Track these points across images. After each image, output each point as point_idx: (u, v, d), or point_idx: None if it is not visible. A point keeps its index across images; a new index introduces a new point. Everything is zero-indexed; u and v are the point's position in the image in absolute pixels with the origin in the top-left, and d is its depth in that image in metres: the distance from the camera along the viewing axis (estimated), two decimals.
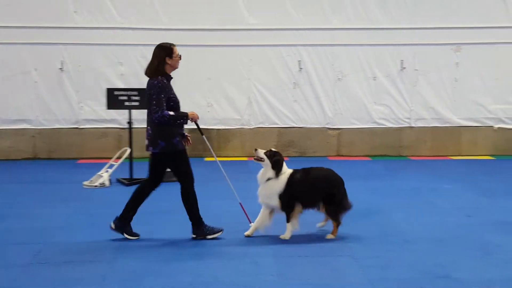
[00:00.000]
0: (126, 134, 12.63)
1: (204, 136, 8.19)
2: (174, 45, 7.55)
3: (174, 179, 7.69)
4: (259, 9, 14.00)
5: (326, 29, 14.04)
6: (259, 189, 7.70)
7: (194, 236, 7.70)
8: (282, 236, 7.70)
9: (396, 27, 14.08)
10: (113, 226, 7.71)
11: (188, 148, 7.70)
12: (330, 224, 7.87)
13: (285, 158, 7.98)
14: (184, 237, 7.73)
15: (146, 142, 7.55)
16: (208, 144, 8.40)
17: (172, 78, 7.60)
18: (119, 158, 11.60)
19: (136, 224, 7.71)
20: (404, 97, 14.26)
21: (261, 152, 7.64)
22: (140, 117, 13.51)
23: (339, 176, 7.85)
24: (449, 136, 14.43)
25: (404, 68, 14.17)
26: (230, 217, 8.44)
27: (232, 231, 7.90)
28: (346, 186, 7.84)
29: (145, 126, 7.63)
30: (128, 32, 13.88)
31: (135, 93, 11.30)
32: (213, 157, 8.58)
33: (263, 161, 7.63)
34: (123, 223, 7.68)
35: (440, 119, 14.40)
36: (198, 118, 7.65)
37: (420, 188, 10.68)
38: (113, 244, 7.46)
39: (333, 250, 7.31)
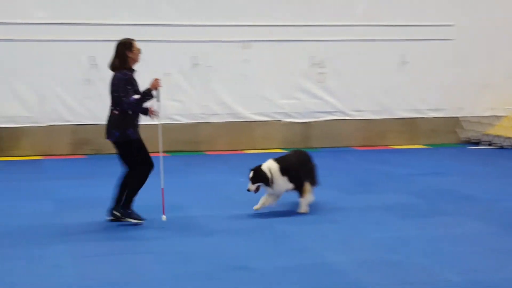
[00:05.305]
0: None
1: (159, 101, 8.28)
2: (133, 40, 8.07)
3: None
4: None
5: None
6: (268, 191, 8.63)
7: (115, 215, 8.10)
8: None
9: (187, 23, 14.21)
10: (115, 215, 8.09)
11: None
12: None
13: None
14: None
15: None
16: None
17: (134, 71, 8.08)
18: None
19: None
20: (198, 93, 14.50)
21: (252, 187, 8.51)
22: None
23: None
24: (242, 130, 14.91)
25: (197, 64, 14.39)
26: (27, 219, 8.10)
27: (31, 232, 7.59)
28: None
29: None
30: None
31: None
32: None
33: (259, 189, 8.54)
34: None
35: (233, 114, 14.83)
36: (159, 83, 8.07)
37: (217, 182, 10.94)
38: None
39: (133, 247, 7.31)
